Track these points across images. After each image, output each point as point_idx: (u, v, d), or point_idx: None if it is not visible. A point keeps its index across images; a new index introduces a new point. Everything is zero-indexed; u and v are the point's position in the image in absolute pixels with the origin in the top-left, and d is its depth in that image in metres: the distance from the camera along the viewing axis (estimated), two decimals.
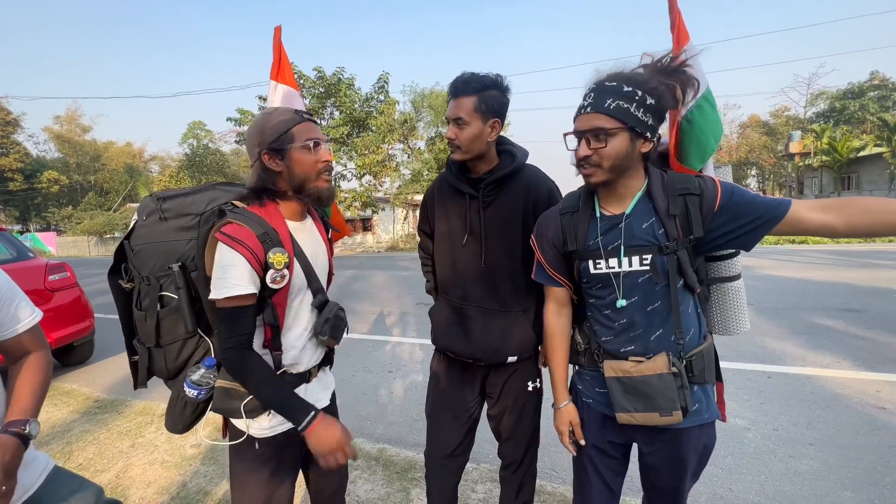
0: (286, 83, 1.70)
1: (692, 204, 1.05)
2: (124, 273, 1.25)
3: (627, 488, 1.94)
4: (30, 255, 4.18)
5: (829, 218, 0.99)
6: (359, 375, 3.91)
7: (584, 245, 1.15)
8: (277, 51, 1.69)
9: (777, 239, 14.69)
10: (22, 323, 1.06)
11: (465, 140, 1.33)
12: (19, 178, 38.35)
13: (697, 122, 1.20)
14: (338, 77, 20.26)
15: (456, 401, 1.54)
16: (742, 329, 1.27)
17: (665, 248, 1.06)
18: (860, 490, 2.10)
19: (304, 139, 1.13)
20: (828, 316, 5.05)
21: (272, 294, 1.10)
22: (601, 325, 1.19)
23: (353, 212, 21.45)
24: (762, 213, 1.02)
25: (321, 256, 1.26)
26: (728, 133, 36.29)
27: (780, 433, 2.65)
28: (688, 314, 1.12)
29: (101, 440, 2.88)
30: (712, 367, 1.16)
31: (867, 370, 3.49)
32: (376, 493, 2.19)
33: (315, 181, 1.15)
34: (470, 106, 1.30)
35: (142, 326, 1.20)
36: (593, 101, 1.03)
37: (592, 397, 1.24)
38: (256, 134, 1.12)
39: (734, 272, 1.25)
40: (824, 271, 8.13)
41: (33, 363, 1.08)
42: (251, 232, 1.05)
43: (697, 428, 1.14)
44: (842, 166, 26.05)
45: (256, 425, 1.16)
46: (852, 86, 31.02)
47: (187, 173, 33.57)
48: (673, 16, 1.25)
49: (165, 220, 1.20)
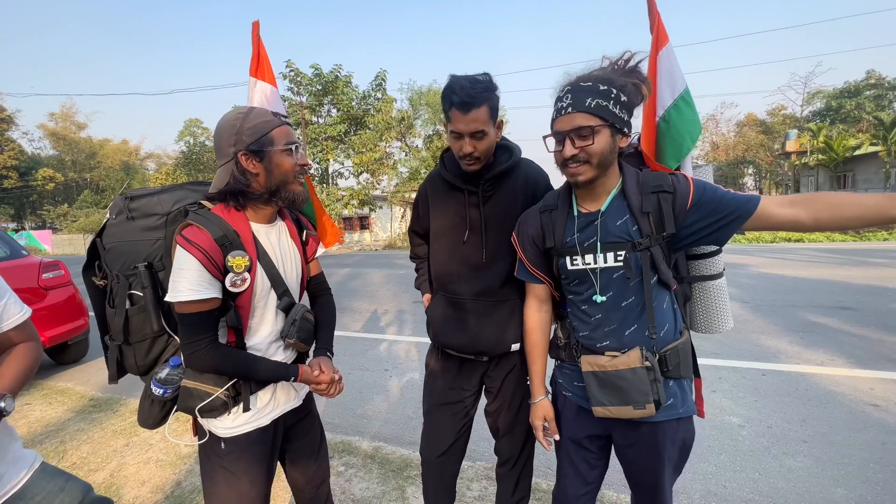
0: (265, 80, 1.67)
1: (665, 201, 1.08)
2: (97, 270, 1.25)
3: (622, 485, 1.94)
4: (23, 253, 4.15)
5: (796, 213, 1.02)
6: (355, 373, 3.90)
7: (562, 242, 1.19)
8: (256, 46, 1.66)
9: (773, 237, 14.77)
10: (10, 320, 1.07)
11: (485, 151, 1.32)
12: (14, 176, 38.09)
13: (674, 122, 1.24)
14: (335, 74, 20.21)
15: (453, 398, 1.54)
16: (725, 327, 1.29)
17: (638, 245, 1.09)
18: (853, 487, 2.11)
19: (285, 142, 1.12)
20: (822, 314, 5.08)
21: (235, 297, 1.10)
22: (579, 321, 1.22)
23: (351, 210, 21.42)
24: (732, 209, 1.05)
25: (291, 260, 1.25)
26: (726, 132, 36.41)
27: (775, 430, 2.66)
28: (662, 310, 1.14)
29: (96, 439, 2.86)
30: (689, 363, 1.18)
31: (861, 367, 3.52)
32: (372, 492, 2.19)
33: (291, 184, 1.16)
34: (486, 116, 1.27)
35: (112, 323, 1.21)
36: (573, 102, 1.05)
37: (571, 391, 1.27)
38: (232, 134, 1.09)
39: (716, 271, 1.28)
40: (819, 269, 8.19)
41: (21, 350, 1.09)
42: (209, 235, 1.04)
43: (674, 422, 1.16)
44: (838, 165, 26.20)
45: (220, 425, 1.16)
46: (849, 84, 31.16)
47: (184, 171, 33.39)
48: (652, 18, 1.29)
49: (133, 220, 1.21)
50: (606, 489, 2.07)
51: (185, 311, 1.05)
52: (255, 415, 1.18)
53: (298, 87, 20.27)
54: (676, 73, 1.27)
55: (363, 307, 6.66)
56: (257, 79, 1.66)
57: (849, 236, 14.47)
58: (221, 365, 1.09)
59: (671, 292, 1.17)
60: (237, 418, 1.16)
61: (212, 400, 1.11)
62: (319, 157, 20.94)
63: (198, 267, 1.03)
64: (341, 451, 2.56)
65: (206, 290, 1.04)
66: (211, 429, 1.18)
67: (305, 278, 1.33)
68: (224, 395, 1.12)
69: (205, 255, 1.03)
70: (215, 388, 1.11)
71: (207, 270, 1.03)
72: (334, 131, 20.15)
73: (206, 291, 1.04)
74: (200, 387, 1.12)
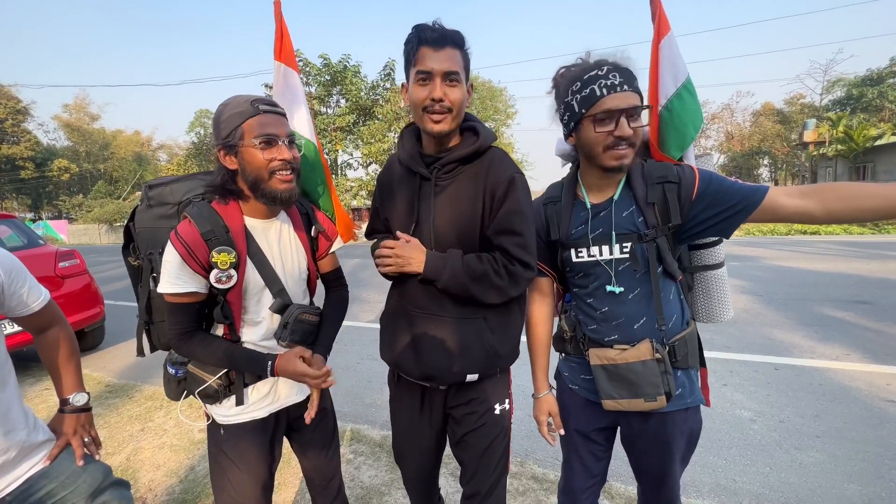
0: (286, 63, 1.54)
1: (670, 192, 1.06)
2: (133, 251, 1.30)
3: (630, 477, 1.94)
4: (40, 242, 4.24)
5: (806, 204, 0.97)
6: (364, 363, 3.93)
7: (567, 234, 1.16)
8: (279, 26, 1.52)
9: (788, 229, 14.48)
10: (36, 303, 1.13)
11: (457, 103, 1.09)
12: (30, 167, 38.78)
13: (677, 112, 1.22)
14: (344, 64, 20.10)
15: (417, 435, 1.33)
16: (726, 317, 1.28)
17: (644, 236, 1.07)
18: (867, 483, 2.08)
19: (255, 135, 1.04)
20: (837, 307, 4.98)
21: (224, 292, 1.11)
22: (585, 314, 1.21)
23: (360, 201, 21.46)
24: (739, 199, 1.02)
25: (292, 258, 1.23)
26: (741, 122, 35.57)
27: (787, 425, 2.63)
28: (669, 301, 1.13)
29: (112, 423, 2.94)
30: (696, 353, 1.17)
31: (877, 363, 3.45)
32: (380, 479, 2.21)
33: (268, 181, 1.07)
34: (462, 60, 1.08)
35: (139, 302, 1.28)
36: (624, 80, 1.01)
37: (578, 384, 1.26)
38: (215, 128, 1.09)
39: (717, 260, 1.26)
40: (835, 262, 8.00)
41: (55, 342, 1.20)
42: (196, 230, 1.05)
43: (682, 412, 1.15)
44: (857, 155, 25.45)
45: (218, 412, 1.20)
46: (871, 72, 30.12)
47: (195, 162, 33.69)
48: (654, 7, 1.27)
49: (151, 208, 1.24)
50: (613, 480, 2.07)
51: (168, 301, 1.09)
52: (250, 406, 1.20)
53: (307, 78, 20.24)
54: (678, 62, 1.25)
55: (373, 297, 6.70)
56: (282, 62, 1.51)
57: (867, 229, 14.13)
58: (196, 354, 1.13)
59: (677, 283, 1.16)
60: (231, 408, 1.18)
61: (205, 387, 1.15)
62: (328, 147, 20.97)
63: (178, 261, 1.04)
64: (350, 439, 2.59)
65: (186, 284, 1.06)
66: (212, 414, 1.21)
67: (313, 276, 1.31)
68: (216, 384, 1.15)
69: (187, 251, 1.03)
70: (209, 375, 1.15)
71: (188, 265, 1.04)
72: (343, 122, 20.11)
73: (185, 285, 1.06)
74: (199, 372, 1.16)
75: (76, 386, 1.22)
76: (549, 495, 2.03)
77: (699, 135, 1.27)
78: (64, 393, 1.20)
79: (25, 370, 4.05)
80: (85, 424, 1.19)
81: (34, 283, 1.13)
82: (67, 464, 1.10)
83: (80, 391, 1.22)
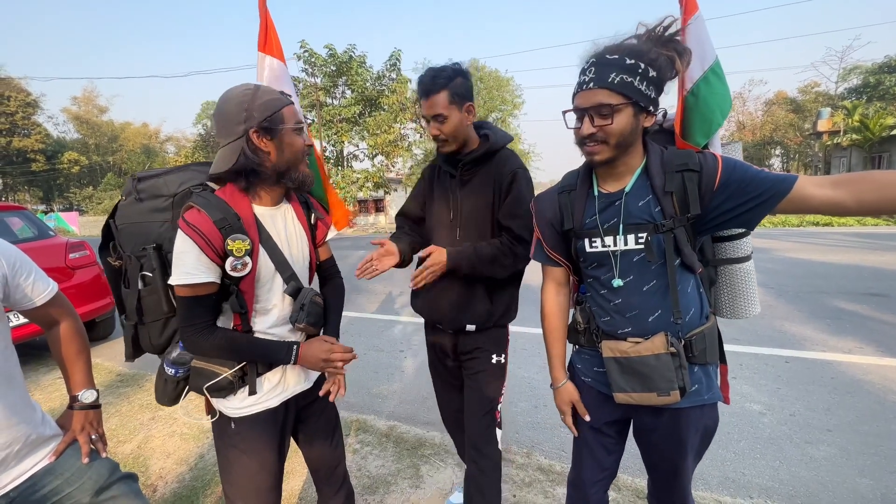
0: (274, 55, 1.60)
1: (690, 181, 1.02)
2: (112, 251, 1.26)
3: (637, 469, 1.93)
4: (50, 234, 4.29)
5: (838, 194, 0.91)
6: (370, 354, 3.95)
7: (581, 223, 1.14)
8: (264, 19, 1.58)
9: (800, 220, 14.23)
10: (41, 295, 1.11)
11: (449, 132, 1.43)
12: (41, 159, 39.26)
13: (703, 96, 1.17)
14: (349, 55, 19.97)
15: (439, 366, 1.74)
16: (752, 312, 1.24)
17: (661, 227, 1.04)
18: (879, 478, 2.05)
19: (294, 122, 1.11)
20: (851, 300, 4.90)
21: (237, 281, 1.09)
22: (598, 306, 1.18)
23: (366, 192, 21.43)
24: (765, 189, 0.96)
25: (297, 243, 1.23)
26: (753, 111, 34.86)
27: (797, 418, 2.59)
28: (687, 294, 1.09)
29: (123, 412, 2.98)
30: (715, 349, 1.13)
31: (891, 356, 3.39)
32: (387, 469, 2.22)
33: (300, 166, 1.15)
34: (445, 100, 1.39)
35: (127, 303, 1.23)
36: (595, 76, 0.99)
37: (591, 376, 1.24)
38: (241, 111, 1.05)
39: (743, 254, 1.21)
40: (848, 254, 7.86)
41: (65, 338, 1.18)
42: (208, 218, 1.03)
43: (698, 408, 1.12)
44: (873, 145, 24.84)
45: (229, 405, 1.17)
46: (889, 59, 29.26)
47: (202, 153, 33.84)
48: None
49: (141, 201, 1.20)
50: (620, 473, 2.06)
51: (182, 295, 1.06)
52: (263, 396, 1.19)
53: (313, 69, 20.14)
54: (707, 43, 1.20)
55: (378, 289, 6.71)
56: (266, 54, 1.60)
57: (881, 220, 13.83)
58: (215, 349, 1.09)
59: (696, 276, 1.12)
60: (245, 399, 1.17)
61: (219, 380, 1.12)
62: (334, 139, 20.91)
63: (196, 251, 1.02)
64: (357, 430, 2.61)
65: (203, 274, 1.04)
66: (221, 409, 1.19)
67: (314, 262, 1.31)
68: (231, 377, 1.13)
69: (203, 239, 1.01)
70: (223, 368, 1.13)
71: (206, 254, 1.02)
72: (349, 113, 20.04)
73: (203, 276, 1.04)
74: (208, 367, 1.14)
75: (85, 383, 1.20)
76: (556, 486, 2.03)
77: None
78: (73, 389, 1.19)
79: (39, 360, 4.12)
80: (93, 421, 1.18)
81: (40, 276, 1.11)
82: (73, 460, 1.09)
83: (90, 388, 1.20)
